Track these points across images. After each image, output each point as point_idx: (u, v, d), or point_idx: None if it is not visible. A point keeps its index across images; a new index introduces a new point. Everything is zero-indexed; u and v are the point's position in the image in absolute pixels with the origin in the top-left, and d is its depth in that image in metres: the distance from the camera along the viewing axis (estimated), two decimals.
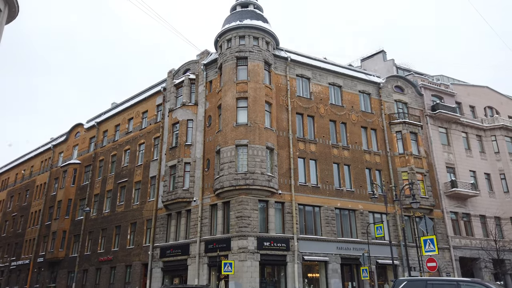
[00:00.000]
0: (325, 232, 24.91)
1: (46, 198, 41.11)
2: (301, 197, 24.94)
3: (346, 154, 27.89)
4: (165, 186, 27.16)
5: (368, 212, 26.97)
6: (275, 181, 23.91)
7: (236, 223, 22.61)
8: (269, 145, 24.37)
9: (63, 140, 42.83)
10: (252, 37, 26.45)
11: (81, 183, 37.50)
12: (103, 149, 36.50)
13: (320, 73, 29.23)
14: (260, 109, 24.81)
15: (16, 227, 45.45)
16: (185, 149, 27.05)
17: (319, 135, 27.27)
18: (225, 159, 23.90)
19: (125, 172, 32.81)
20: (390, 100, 31.62)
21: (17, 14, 24.56)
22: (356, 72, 32.23)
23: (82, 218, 35.25)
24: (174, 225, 26.75)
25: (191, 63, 30.30)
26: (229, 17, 28.02)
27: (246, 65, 25.86)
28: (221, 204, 24.08)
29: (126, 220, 30.89)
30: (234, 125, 24.39)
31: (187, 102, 28.36)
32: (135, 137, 33.19)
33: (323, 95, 28.69)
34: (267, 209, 23.70)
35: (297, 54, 29.39)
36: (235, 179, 23.11)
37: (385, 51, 36.65)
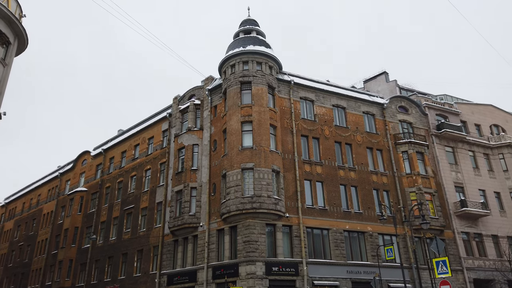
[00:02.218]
0: (334, 255, 24.45)
1: (53, 227, 41.01)
2: (309, 220, 24.66)
3: (352, 175, 27.74)
4: (172, 211, 27.05)
5: (378, 234, 26.52)
6: (282, 204, 23.73)
7: (243, 248, 22.31)
8: (275, 168, 24.35)
9: (70, 168, 43.12)
10: (255, 62, 26.93)
11: (88, 211, 37.45)
12: (109, 176, 36.65)
13: (323, 95, 29.51)
14: (265, 132, 24.95)
15: (22, 257, 45.16)
16: (191, 174, 27.08)
17: (324, 157, 27.24)
18: (231, 183, 23.85)
19: (131, 199, 32.79)
20: (395, 120, 31.68)
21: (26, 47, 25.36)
22: (359, 93, 32.49)
23: (89, 246, 35.01)
24: (181, 251, 26.45)
25: (196, 89, 30.78)
26: (232, 43, 28.65)
27: (250, 89, 26.22)
28: (228, 229, 23.85)
29: (132, 247, 30.62)
30: (239, 148, 24.49)
31: (192, 127, 28.62)
32: (141, 163, 33.36)
33: (327, 117, 28.85)
34: (275, 233, 23.41)
35: (300, 77, 29.81)
36: (242, 203, 22.98)
37: (387, 72, 37.07)
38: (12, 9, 22.94)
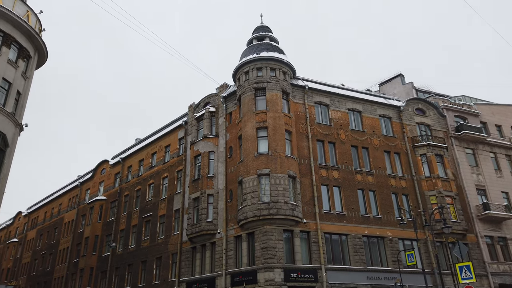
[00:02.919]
0: (353, 261, 24.10)
1: (74, 235, 41.75)
2: (327, 226, 24.41)
3: (370, 179, 27.37)
4: (189, 219, 27.21)
5: (398, 239, 26.02)
6: (299, 210, 23.58)
7: (261, 254, 22.21)
8: (291, 174, 24.25)
9: (89, 177, 43.93)
10: (269, 68, 27.01)
11: (107, 219, 38.00)
12: (128, 184, 37.16)
13: (338, 99, 29.32)
14: (280, 138, 24.91)
15: (45, 265, 46.07)
16: (208, 181, 27.23)
17: (341, 161, 26.99)
18: (247, 189, 23.86)
19: (149, 206, 33.14)
20: (412, 123, 31.20)
21: (46, 60, 26.12)
22: (375, 96, 32.17)
23: (109, 254, 35.48)
24: (199, 258, 26.53)
25: (210, 97, 31.04)
26: (246, 50, 28.83)
27: (264, 95, 26.28)
28: (245, 235, 23.82)
29: (151, 254, 30.87)
30: (255, 155, 24.51)
31: (208, 135, 28.83)
32: (158, 171, 33.73)
33: (343, 121, 28.63)
34: (293, 239, 23.25)
35: (314, 82, 29.73)
36: (259, 209, 22.94)
37: (403, 75, 36.61)
38: (32, 23, 23.70)
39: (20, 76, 22.89)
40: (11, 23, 22.16)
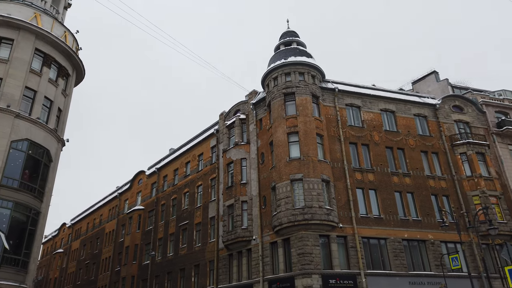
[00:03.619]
0: (394, 266, 23.34)
1: (115, 245, 43.14)
2: (364, 230, 23.84)
3: (407, 181, 26.53)
4: (224, 226, 27.43)
5: (440, 242, 24.97)
6: (334, 215, 23.19)
7: (298, 260, 21.99)
8: (325, 178, 23.94)
9: (127, 188, 45.37)
10: (297, 73, 26.94)
11: (146, 228, 39.02)
12: (164, 194, 38.05)
13: (370, 100, 28.74)
14: (312, 142, 24.70)
15: (89, 275, 47.84)
16: (241, 187, 27.39)
17: (376, 164, 26.35)
18: (281, 195, 23.78)
19: (185, 215, 33.73)
20: (449, 121, 30.01)
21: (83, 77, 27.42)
22: (408, 95, 31.27)
23: (148, 262, 36.35)
24: (236, 265, 26.63)
25: (240, 104, 31.33)
26: (273, 56, 28.93)
27: (294, 100, 26.21)
28: (281, 242, 23.69)
29: (189, 262, 31.34)
30: (287, 160, 24.42)
31: (239, 142, 29.06)
32: (193, 179, 34.32)
33: (375, 122, 28.00)
34: (329, 244, 22.87)
35: (344, 84, 29.33)
36: (293, 214, 22.77)
37: (437, 72, 35.35)
38: (69, 43, 24.99)
39: (60, 94, 24.14)
40: (51, 44, 23.47)
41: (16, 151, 20.33)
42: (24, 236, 20.10)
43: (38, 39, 22.79)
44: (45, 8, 24.90)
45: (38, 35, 22.76)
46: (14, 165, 20.13)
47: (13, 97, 20.76)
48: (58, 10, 26.44)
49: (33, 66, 22.30)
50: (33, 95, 21.93)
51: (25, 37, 22.33)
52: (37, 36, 22.73)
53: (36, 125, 21.51)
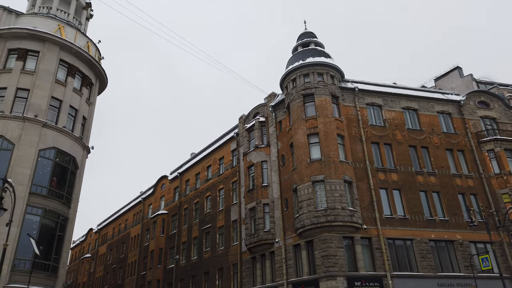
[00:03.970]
0: (421, 267, 22.77)
1: (140, 249, 43.87)
2: (389, 231, 23.38)
3: (433, 180, 25.88)
4: (247, 229, 27.47)
5: (469, 242, 24.20)
6: (358, 216, 22.86)
7: (322, 262, 21.77)
8: (347, 179, 23.64)
9: (151, 193, 46.10)
10: (316, 74, 26.77)
11: (170, 232, 39.52)
12: (186, 198, 38.46)
13: (391, 98, 28.24)
14: (333, 142, 24.46)
15: (116, 279, 48.79)
16: (262, 190, 27.38)
17: (399, 163, 25.84)
18: (302, 196, 23.63)
19: (208, 218, 33.98)
20: (475, 117, 29.14)
21: (106, 85, 28.11)
22: (431, 92, 30.56)
23: (173, 266, 36.77)
24: (260, 268, 26.60)
25: (259, 107, 31.38)
26: (291, 58, 28.86)
27: (313, 101, 26.05)
28: (304, 244, 23.52)
29: (213, 266, 31.52)
30: (308, 161, 24.26)
31: (259, 145, 29.09)
32: (214, 183, 34.56)
33: (398, 121, 27.48)
34: (354, 246, 22.54)
35: (364, 83, 28.94)
36: (316, 216, 22.58)
37: (460, 67, 34.39)
38: (92, 53, 25.69)
39: (84, 103, 24.84)
40: (74, 55, 24.22)
41: (44, 159, 21.03)
42: (53, 241, 20.72)
43: (62, 50, 23.55)
44: (68, 20, 25.73)
45: (62, 46, 23.52)
46: (43, 173, 20.83)
47: (40, 107, 21.51)
48: (80, 21, 27.27)
49: (58, 77, 23.05)
50: (59, 104, 22.66)
51: (50, 48, 23.12)
52: (61, 47, 23.50)
53: (63, 134, 22.20)
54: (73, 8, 26.54)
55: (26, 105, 21.35)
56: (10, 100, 21.23)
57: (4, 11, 23.39)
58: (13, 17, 23.62)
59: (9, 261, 17.99)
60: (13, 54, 22.62)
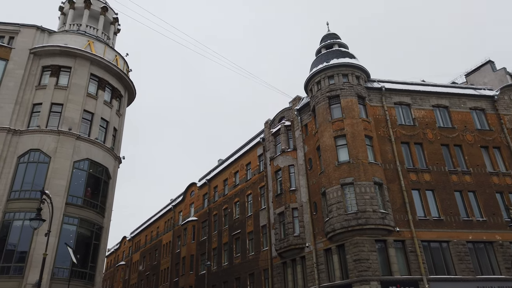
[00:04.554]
0: (459, 270, 21.89)
1: (172, 256, 44.56)
2: (423, 233, 22.65)
3: (468, 179, 24.91)
4: (276, 234, 27.37)
5: (510, 243, 23.08)
6: (390, 218, 22.29)
7: (354, 267, 21.34)
8: (377, 180, 23.14)
9: (180, 200, 46.84)
10: (341, 75, 26.47)
11: (200, 239, 39.95)
12: (215, 204, 38.80)
13: (420, 97, 27.49)
14: (361, 144, 24.04)
15: (150, 285, 49.71)
16: (290, 195, 27.24)
17: (431, 163, 25.04)
18: (332, 200, 23.31)
19: (237, 224, 34.11)
20: (511, 112, 27.87)
21: (134, 97, 28.88)
22: (462, 89, 29.53)
23: (205, 272, 37.10)
24: (291, 273, 26.40)
25: (284, 111, 31.33)
26: (315, 60, 28.68)
27: (339, 103, 25.74)
28: (335, 248, 23.16)
29: (244, 271, 31.55)
30: (336, 164, 23.95)
31: (286, 149, 28.99)
32: (242, 189, 34.70)
33: (428, 119, 26.69)
34: (387, 249, 21.98)
35: (391, 82, 28.32)
36: (346, 220, 22.20)
37: (492, 61, 33.01)
38: (120, 66, 26.52)
39: (115, 114, 25.64)
40: (104, 68, 25.09)
41: (79, 170, 21.83)
42: (89, 250, 21.40)
43: (92, 64, 24.46)
44: (97, 35, 26.71)
45: (93, 61, 24.43)
46: (77, 183, 21.61)
47: (73, 121, 22.38)
48: (108, 36, 28.24)
49: (89, 90, 23.93)
50: (91, 117, 23.49)
51: (81, 64, 24.06)
52: (91, 62, 24.41)
53: (95, 145, 22.98)
54: (101, 24, 27.54)
55: (60, 119, 22.26)
56: (45, 115, 22.21)
57: (38, 30, 24.57)
58: (46, 35, 24.77)
59: (49, 269, 18.71)
60: (47, 70, 23.69)
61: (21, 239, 19.23)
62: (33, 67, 23.47)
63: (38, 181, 20.36)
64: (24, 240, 19.17)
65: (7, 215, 19.75)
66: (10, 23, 24.44)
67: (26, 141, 21.37)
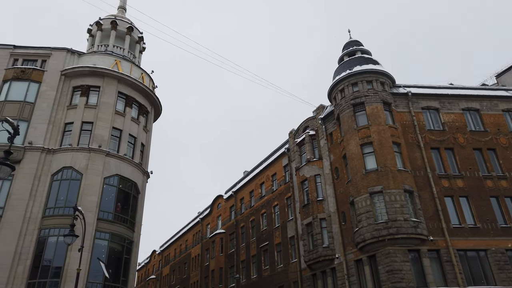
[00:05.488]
0: (499, 280, 20.80)
1: (201, 269, 44.69)
2: (459, 242, 21.73)
3: (504, 184, 23.82)
4: (305, 245, 26.98)
5: None
6: (422, 227, 21.55)
7: (387, 278, 20.67)
8: (407, 188, 22.50)
9: (208, 212, 47.11)
10: (365, 82, 26.13)
11: (228, 251, 39.91)
12: (242, 216, 38.77)
13: (449, 100, 26.71)
14: (389, 151, 23.51)
15: None
16: (318, 205, 26.87)
17: (464, 168, 24.14)
18: (361, 209, 22.81)
19: (265, 236, 33.89)
20: None
21: (160, 112, 29.50)
22: (493, 90, 28.49)
23: (234, 285, 36.92)
24: (321, 285, 25.87)
25: (308, 120, 31.15)
26: (338, 68, 28.47)
27: (364, 110, 25.37)
28: (366, 259, 22.55)
29: (273, 284, 31.19)
30: (363, 172, 23.49)
31: (311, 158, 28.74)
32: (268, 200, 34.55)
33: (458, 123, 25.85)
34: (420, 259, 21.20)
35: (417, 86, 27.69)
36: (376, 229, 21.63)
37: None
38: (146, 83, 27.23)
39: (142, 130, 26.27)
40: (131, 86, 25.86)
41: (109, 186, 22.40)
42: (120, 264, 21.78)
43: (120, 83, 25.27)
44: (123, 54, 27.62)
45: (120, 79, 25.24)
46: (108, 199, 22.15)
47: (103, 138, 23.08)
48: (134, 55, 29.15)
49: (117, 108, 24.67)
50: (119, 134, 24.16)
51: (109, 82, 24.90)
52: (119, 81, 25.22)
53: (124, 161, 23.56)
54: (127, 43, 28.48)
55: (90, 136, 23.01)
56: (76, 134, 23.02)
57: (68, 52, 25.68)
58: (75, 57, 25.85)
59: (83, 284, 19.14)
60: (77, 90, 24.65)
61: (56, 254, 19.83)
62: (64, 88, 24.48)
63: (71, 198, 21.03)
64: (59, 256, 19.74)
65: (43, 231, 20.44)
66: (42, 47, 25.66)
67: (59, 159, 22.18)
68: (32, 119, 22.95)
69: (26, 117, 22.94)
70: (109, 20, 28.61)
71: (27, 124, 22.72)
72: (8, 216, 20.13)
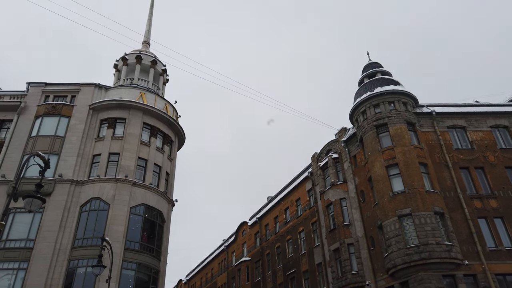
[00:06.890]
0: None
1: None
2: (497, 266, 20.59)
3: None
4: (333, 272, 26.19)
5: None
6: (456, 250, 20.60)
7: None
8: (437, 210, 21.72)
9: (232, 240, 46.69)
10: (386, 103, 25.93)
11: (255, 279, 39.13)
12: (267, 243, 38.19)
13: (476, 118, 26.04)
14: (416, 172, 22.92)
15: None
16: (344, 229, 26.23)
17: (497, 187, 23.18)
18: (390, 233, 22.10)
19: (291, 263, 33.16)
20: None
21: (184, 141, 30.04)
22: None
23: None
24: None
25: (331, 143, 30.93)
26: (358, 90, 28.43)
27: (387, 131, 25.03)
28: (398, 286, 21.62)
29: None
30: (390, 195, 22.90)
31: (335, 182, 28.32)
32: (293, 225, 34.00)
33: (487, 141, 25.05)
34: (456, 285, 20.14)
35: (441, 105, 27.21)
36: (407, 254, 20.83)
37: None
38: (170, 113, 27.93)
39: (166, 159, 26.75)
40: (155, 117, 26.59)
41: (135, 215, 22.72)
42: None
43: (144, 114, 26.05)
44: (148, 87, 28.61)
45: (145, 111, 26.05)
46: (134, 228, 22.41)
47: (129, 168, 23.62)
48: (158, 87, 30.13)
49: (143, 138, 25.34)
50: (145, 163, 24.69)
51: (134, 114, 25.72)
52: (144, 112, 26.02)
53: (149, 190, 23.94)
54: (151, 76, 29.54)
55: (117, 167, 23.60)
56: (104, 165, 23.68)
57: (96, 87, 26.85)
58: (103, 91, 26.98)
59: None
60: (104, 123, 25.55)
61: (84, 285, 20.01)
62: (92, 121, 25.44)
63: (99, 228, 21.39)
64: (87, 287, 19.91)
65: (72, 262, 20.77)
66: (72, 83, 26.95)
67: (87, 191, 22.77)
68: (62, 152, 23.83)
69: (56, 150, 23.84)
70: (134, 55, 29.87)
71: (57, 157, 23.58)
72: (39, 248, 20.62)
